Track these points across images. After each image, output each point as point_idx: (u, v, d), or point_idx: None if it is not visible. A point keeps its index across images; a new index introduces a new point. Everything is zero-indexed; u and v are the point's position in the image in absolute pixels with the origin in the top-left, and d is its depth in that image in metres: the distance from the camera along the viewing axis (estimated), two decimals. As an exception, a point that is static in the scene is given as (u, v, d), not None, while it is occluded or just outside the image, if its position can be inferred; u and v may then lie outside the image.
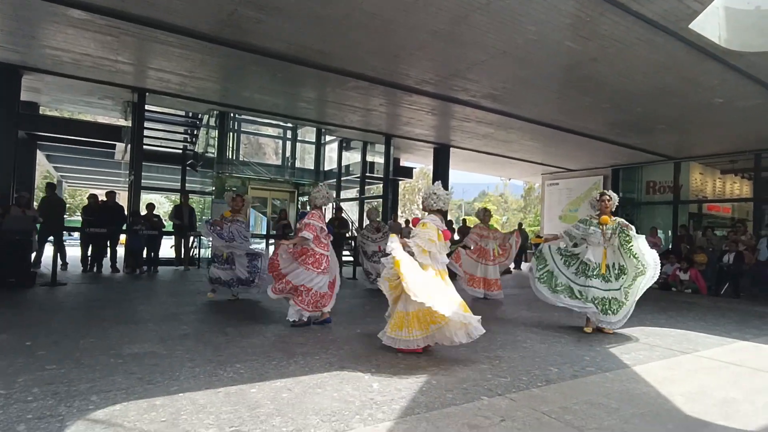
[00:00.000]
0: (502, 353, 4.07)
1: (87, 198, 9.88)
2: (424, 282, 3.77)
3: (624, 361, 3.99)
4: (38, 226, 8.15)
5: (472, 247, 7.66)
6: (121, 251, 9.80)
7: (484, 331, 3.85)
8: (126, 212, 9.59)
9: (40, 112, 11.55)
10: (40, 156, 14.07)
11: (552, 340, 4.67)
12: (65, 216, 10.77)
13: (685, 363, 4.03)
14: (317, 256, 4.80)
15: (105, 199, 9.71)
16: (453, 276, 5.90)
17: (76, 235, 13.00)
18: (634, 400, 3.01)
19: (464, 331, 3.76)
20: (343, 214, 11.02)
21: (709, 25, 5.81)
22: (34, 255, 8.13)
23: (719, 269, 9.73)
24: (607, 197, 5.13)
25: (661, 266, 10.64)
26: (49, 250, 8.70)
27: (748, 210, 12.61)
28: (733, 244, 9.67)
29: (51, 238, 9.03)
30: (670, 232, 13.33)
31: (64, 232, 10.55)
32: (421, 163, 18.93)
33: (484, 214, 7.81)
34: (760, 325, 6.10)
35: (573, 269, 5.23)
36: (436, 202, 4.11)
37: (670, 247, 12.36)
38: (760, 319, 6.62)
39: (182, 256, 10.35)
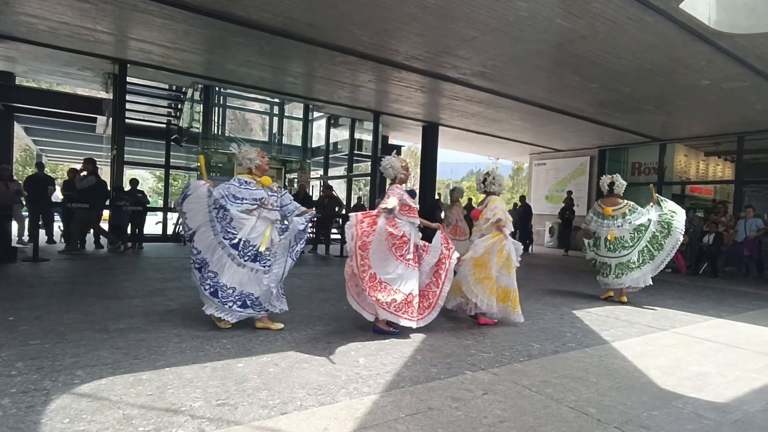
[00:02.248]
0: (486, 329, 4.15)
1: (67, 173, 9.65)
2: None
3: (603, 337, 4.10)
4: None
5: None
6: (104, 227, 9.64)
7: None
8: (109, 188, 9.40)
9: (17, 83, 11.14)
10: (18, 129, 13.65)
11: (535, 316, 4.78)
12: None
13: (661, 339, 4.16)
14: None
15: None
16: None
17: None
18: (612, 374, 3.11)
19: None
20: (333, 192, 11.02)
21: (700, 6, 5.80)
22: (16, 230, 8.01)
23: (699, 249, 9.97)
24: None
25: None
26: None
27: (729, 192, 12.87)
28: (713, 225, 9.90)
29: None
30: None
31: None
32: (409, 141, 18.82)
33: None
34: (735, 303, 6.31)
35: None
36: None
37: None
38: (735, 297, 6.84)
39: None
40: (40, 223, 9.07)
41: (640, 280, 5.75)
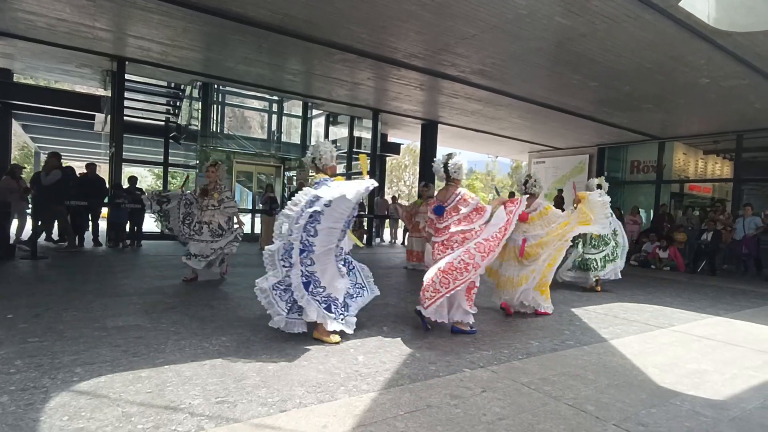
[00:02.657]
0: (485, 327, 4.15)
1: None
2: None
3: (602, 335, 4.11)
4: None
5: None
6: (103, 225, 9.64)
7: None
8: (107, 185, 9.39)
9: (14, 80, 11.10)
10: (16, 126, 13.61)
11: (533, 315, 4.78)
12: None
13: (660, 337, 4.17)
14: None
15: (85, 171, 9.48)
16: None
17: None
18: (610, 371, 3.12)
19: None
20: None
21: (699, 3, 5.80)
22: (15, 228, 7.98)
23: (697, 247, 9.99)
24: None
25: (642, 244, 11.01)
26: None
27: (728, 190, 12.88)
28: (711, 223, 9.92)
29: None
30: (652, 211, 13.58)
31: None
32: (408, 139, 18.80)
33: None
34: (733, 301, 6.32)
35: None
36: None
37: (651, 225, 12.62)
38: (733, 295, 6.85)
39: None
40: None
41: (611, 273, 6.59)
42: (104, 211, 9.56)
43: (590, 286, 6.55)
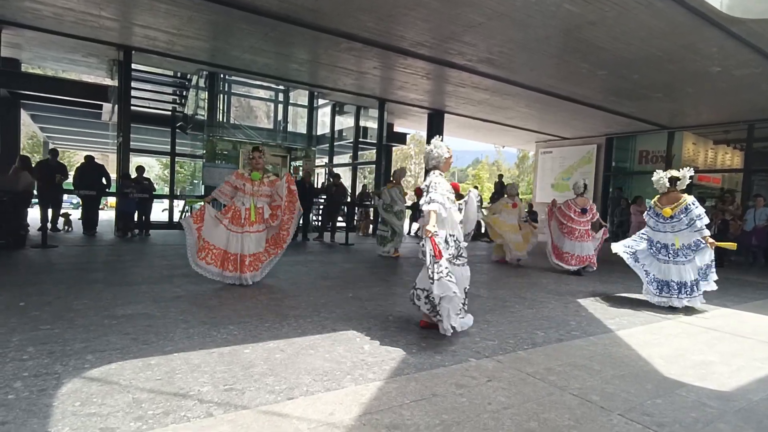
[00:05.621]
0: (491, 318, 4.16)
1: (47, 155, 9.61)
2: None
3: (608, 325, 4.11)
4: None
5: None
6: (108, 214, 9.71)
7: None
8: (107, 171, 9.44)
9: (23, 70, 11.14)
10: (25, 116, 13.68)
11: (539, 305, 4.79)
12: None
13: (666, 328, 4.16)
14: None
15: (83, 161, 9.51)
16: None
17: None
18: (616, 362, 3.12)
19: None
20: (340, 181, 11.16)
21: (712, -10, 5.68)
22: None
23: (705, 238, 9.91)
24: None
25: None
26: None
27: (738, 181, 12.73)
28: (719, 213, 9.82)
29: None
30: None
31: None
32: (414, 128, 18.70)
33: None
34: (740, 292, 6.29)
35: None
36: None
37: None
38: (741, 287, 6.82)
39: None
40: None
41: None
42: (111, 200, 9.64)
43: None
